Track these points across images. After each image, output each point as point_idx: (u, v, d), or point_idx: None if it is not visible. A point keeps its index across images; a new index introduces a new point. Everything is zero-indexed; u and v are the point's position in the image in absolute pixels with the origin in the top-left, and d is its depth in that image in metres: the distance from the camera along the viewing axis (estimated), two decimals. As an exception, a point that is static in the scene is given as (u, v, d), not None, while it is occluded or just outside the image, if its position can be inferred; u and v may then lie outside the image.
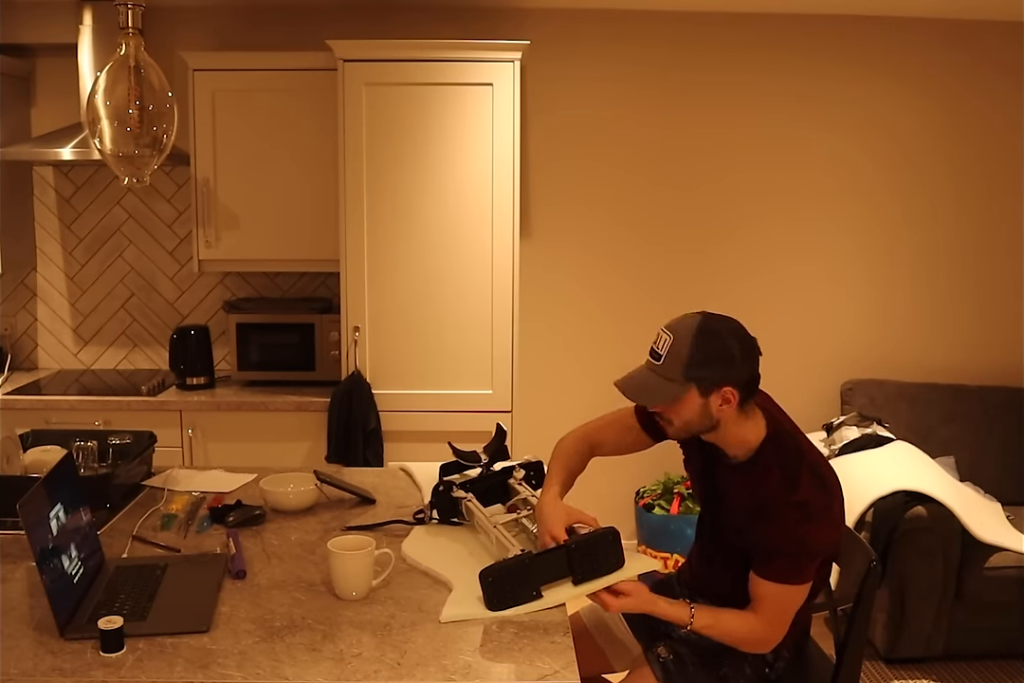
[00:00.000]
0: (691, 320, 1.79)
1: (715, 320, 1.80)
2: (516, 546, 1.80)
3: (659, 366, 1.79)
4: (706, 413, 1.79)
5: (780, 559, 1.76)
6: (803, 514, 1.74)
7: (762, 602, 1.79)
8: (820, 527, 1.76)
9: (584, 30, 3.72)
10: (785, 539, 1.74)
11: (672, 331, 1.79)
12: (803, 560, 1.76)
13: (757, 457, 1.84)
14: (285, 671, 1.49)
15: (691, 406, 1.78)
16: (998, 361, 3.97)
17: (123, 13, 1.98)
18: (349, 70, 3.22)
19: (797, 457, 1.81)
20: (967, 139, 3.84)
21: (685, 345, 1.75)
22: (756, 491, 1.80)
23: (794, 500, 1.75)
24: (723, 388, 1.76)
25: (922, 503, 3.01)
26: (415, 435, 3.37)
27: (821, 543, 1.78)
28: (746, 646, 1.84)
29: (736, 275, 3.90)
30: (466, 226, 3.30)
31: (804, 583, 1.79)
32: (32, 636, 1.58)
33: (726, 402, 1.77)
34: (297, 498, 2.24)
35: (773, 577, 1.77)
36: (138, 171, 2.07)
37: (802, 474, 1.78)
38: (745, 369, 1.78)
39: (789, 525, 1.74)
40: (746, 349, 1.78)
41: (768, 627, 1.80)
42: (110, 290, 3.87)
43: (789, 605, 1.80)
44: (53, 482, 1.76)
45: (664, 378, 1.78)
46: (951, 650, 3.13)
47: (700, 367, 1.75)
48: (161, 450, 2.63)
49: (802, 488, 1.76)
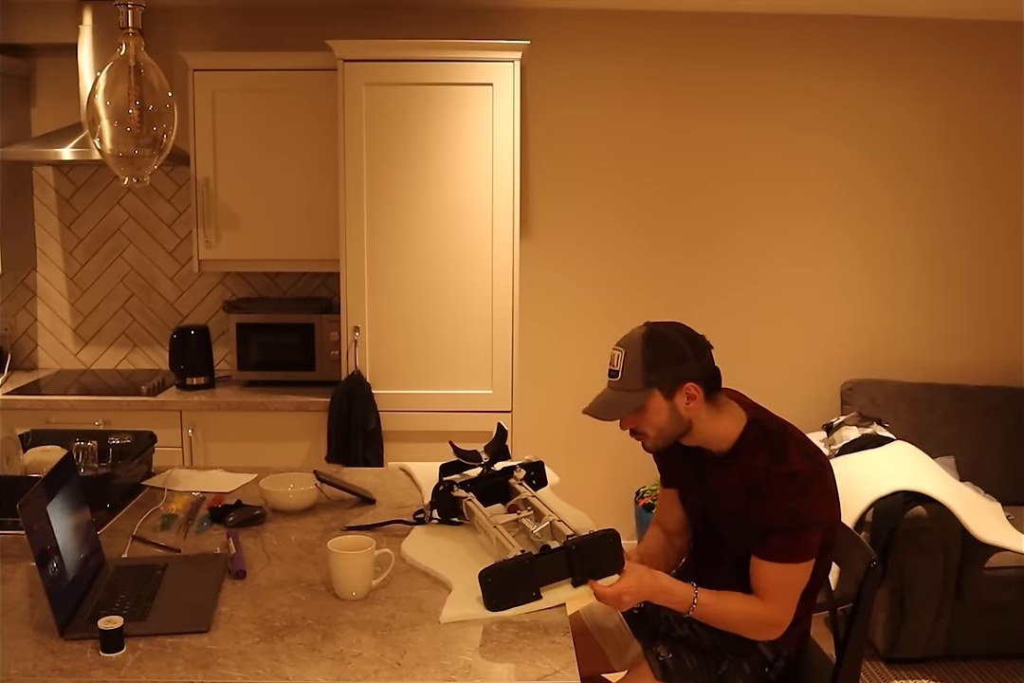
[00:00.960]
0: (637, 332, 1.88)
1: (660, 326, 1.88)
2: (516, 546, 1.80)
3: (618, 381, 1.86)
4: (675, 415, 1.85)
5: (778, 537, 1.77)
6: (796, 485, 1.76)
7: (766, 587, 1.79)
8: (815, 497, 1.78)
9: (584, 30, 3.72)
10: (781, 514, 1.76)
11: (623, 346, 1.87)
12: (801, 534, 1.77)
13: (742, 444, 1.87)
14: (285, 671, 1.49)
15: (659, 411, 1.84)
16: (998, 361, 3.97)
17: (123, 13, 1.97)
18: (349, 70, 3.22)
19: (782, 435, 1.86)
20: (967, 139, 3.84)
21: (637, 354, 1.83)
22: (746, 474, 1.82)
23: (785, 472, 1.78)
24: (684, 385, 1.82)
25: (922, 503, 3.01)
26: (415, 435, 3.37)
27: (818, 513, 1.79)
28: (751, 631, 1.83)
29: (736, 275, 3.90)
30: (466, 226, 3.30)
31: (806, 561, 1.79)
32: (32, 636, 1.58)
33: (691, 398, 1.83)
34: (297, 498, 2.24)
35: (774, 557, 1.77)
36: (138, 171, 2.07)
37: (789, 447, 1.82)
38: (700, 363, 1.84)
39: (783, 498, 1.76)
40: (695, 345, 1.86)
41: (773, 610, 1.80)
42: (110, 290, 3.87)
43: (793, 586, 1.80)
44: (53, 482, 1.76)
45: (626, 391, 1.84)
46: (951, 650, 3.13)
47: (656, 370, 1.82)
48: (161, 450, 2.63)
49: (791, 460, 1.80)
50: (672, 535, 2.11)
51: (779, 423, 1.90)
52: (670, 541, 2.11)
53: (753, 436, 1.86)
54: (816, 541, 1.80)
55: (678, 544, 2.11)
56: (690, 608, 1.79)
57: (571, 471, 3.29)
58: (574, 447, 3.93)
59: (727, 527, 1.90)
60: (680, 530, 2.10)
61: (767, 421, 1.90)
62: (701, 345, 1.86)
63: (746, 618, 1.81)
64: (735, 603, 1.81)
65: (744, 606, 1.81)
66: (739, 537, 1.85)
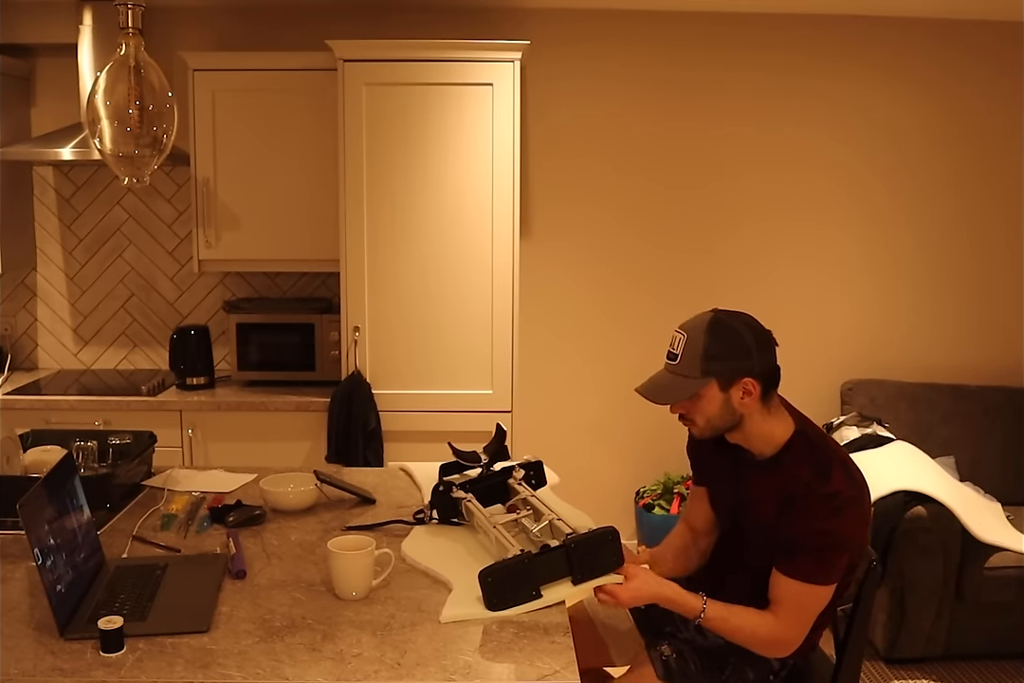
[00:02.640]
0: (703, 317, 1.83)
1: (727, 315, 1.83)
2: (515, 546, 1.80)
3: (676, 366, 1.82)
4: (728, 408, 1.81)
5: (806, 555, 1.73)
6: (833, 506, 1.72)
7: (783, 603, 1.76)
8: (849, 520, 1.74)
9: (584, 30, 3.72)
10: (813, 532, 1.72)
11: (685, 330, 1.83)
12: (830, 555, 1.74)
13: (786, 452, 1.83)
14: (285, 671, 1.49)
15: (712, 401, 1.80)
16: (998, 361, 3.97)
17: (123, 13, 1.98)
18: (349, 70, 3.22)
19: (828, 452, 1.82)
20: (967, 139, 3.84)
21: (699, 341, 1.79)
22: (785, 486, 1.78)
23: (824, 492, 1.73)
24: (742, 380, 1.78)
25: (922, 503, 3.01)
26: (415, 435, 3.37)
27: (849, 537, 1.76)
28: (760, 646, 1.80)
29: (736, 275, 3.90)
30: (466, 226, 3.30)
31: (829, 584, 1.76)
32: (32, 636, 1.58)
33: (747, 394, 1.79)
34: (297, 498, 2.24)
35: (798, 575, 1.74)
36: (138, 171, 2.07)
37: (833, 467, 1.78)
38: (762, 359, 1.80)
39: (818, 518, 1.72)
40: (761, 340, 1.81)
41: (787, 629, 1.77)
42: (110, 290, 3.87)
43: (811, 607, 1.77)
44: (53, 482, 1.76)
45: (682, 376, 1.80)
46: (951, 650, 3.13)
47: (717, 360, 1.78)
48: (161, 450, 2.63)
49: (833, 480, 1.75)
50: (698, 534, 2.09)
51: (824, 437, 1.86)
52: (695, 540, 2.09)
53: (799, 447, 1.82)
54: (843, 565, 1.77)
55: (702, 544, 2.08)
56: (697, 618, 1.78)
57: (571, 471, 3.28)
58: (574, 447, 3.93)
59: (755, 534, 1.87)
60: (707, 530, 2.07)
61: (812, 433, 1.86)
62: (766, 340, 1.82)
63: (755, 634, 1.78)
64: (746, 619, 1.78)
65: (755, 623, 1.78)
66: (765, 547, 1.82)
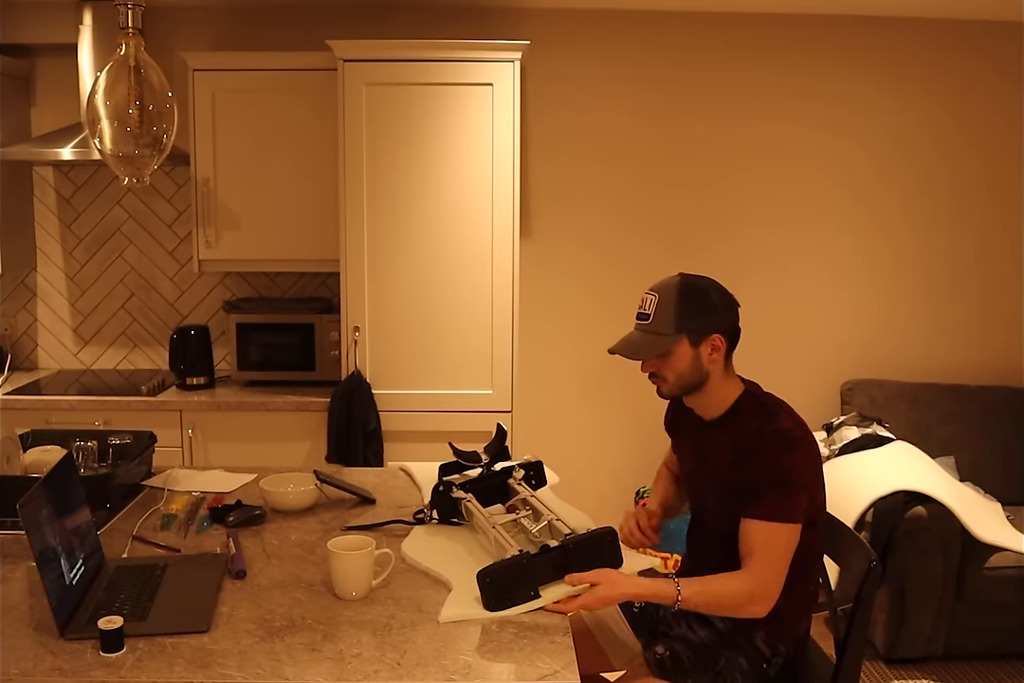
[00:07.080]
0: (672, 280, 1.95)
1: (694, 277, 1.97)
2: (515, 546, 1.80)
3: (648, 324, 1.93)
4: (697, 364, 1.91)
5: (769, 494, 1.80)
6: (785, 441, 1.84)
7: (753, 551, 1.80)
8: (803, 456, 1.85)
9: (584, 30, 3.72)
10: (771, 469, 1.81)
11: (656, 291, 1.94)
12: (791, 491, 1.81)
13: (735, 409, 1.95)
14: (285, 671, 1.49)
15: (683, 357, 1.91)
16: (998, 361, 3.97)
17: (123, 13, 1.98)
18: (349, 70, 3.22)
19: (774, 402, 1.95)
20: (967, 139, 3.84)
21: (671, 300, 1.90)
22: (738, 436, 1.89)
23: (775, 428, 1.85)
24: (711, 336, 1.90)
25: (922, 503, 3.01)
26: (415, 435, 3.37)
27: (804, 474, 1.84)
28: (738, 607, 1.82)
29: (736, 275, 3.87)
30: (466, 226, 3.30)
31: (793, 522, 1.81)
32: (32, 636, 1.58)
33: (715, 350, 1.91)
34: (297, 498, 2.24)
35: (764, 515, 1.80)
36: (138, 171, 2.07)
37: (781, 412, 1.91)
38: (727, 317, 1.94)
39: (773, 454, 1.82)
40: (726, 300, 1.94)
41: (761, 578, 1.79)
42: (110, 290, 3.87)
43: (779, 549, 1.81)
44: (53, 482, 1.76)
45: (655, 334, 1.91)
46: (951, 650, 3.13)
47: (688, 318, 1.89)
48: (161, 450, 2.63)
49: (782, 420, 1.88)
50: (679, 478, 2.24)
51: (769, 395, 1.99)
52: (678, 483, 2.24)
53: (747, 403, 1.95)
54: (803, 503, 1.83)
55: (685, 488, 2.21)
56: (675, 603, 1.79)
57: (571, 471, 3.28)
58: (574, 447, 3.93)
59: (715, 495, 1.95)
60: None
61: (759, 392, 1.99)
62: (731, 300, 1.95)
63: (732, 594, 1.80)
64: (718, 583, 1.82)
65: (728, 583, 1.81)
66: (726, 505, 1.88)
